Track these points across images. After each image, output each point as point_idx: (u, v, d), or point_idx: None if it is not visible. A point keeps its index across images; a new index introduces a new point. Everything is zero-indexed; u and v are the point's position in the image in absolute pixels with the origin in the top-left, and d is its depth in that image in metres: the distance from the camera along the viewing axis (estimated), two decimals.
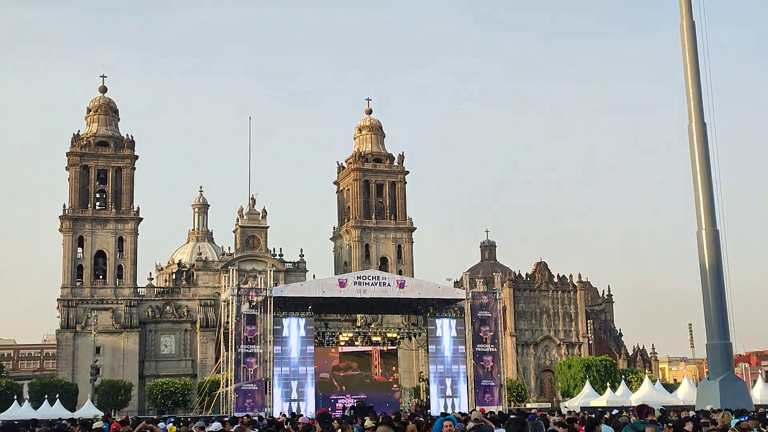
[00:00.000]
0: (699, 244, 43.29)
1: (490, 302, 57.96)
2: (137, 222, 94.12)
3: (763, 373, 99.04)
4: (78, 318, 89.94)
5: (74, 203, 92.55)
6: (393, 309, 64.67)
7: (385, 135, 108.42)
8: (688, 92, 44.61)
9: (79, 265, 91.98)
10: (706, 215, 43.05)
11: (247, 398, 51.31)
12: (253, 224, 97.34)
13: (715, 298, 42.44)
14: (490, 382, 56.93)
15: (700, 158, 43.54)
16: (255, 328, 52.23)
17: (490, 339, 57.39)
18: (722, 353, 42.53)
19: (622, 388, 65.21)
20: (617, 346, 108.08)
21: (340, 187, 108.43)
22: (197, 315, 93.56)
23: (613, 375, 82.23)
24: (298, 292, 55.49)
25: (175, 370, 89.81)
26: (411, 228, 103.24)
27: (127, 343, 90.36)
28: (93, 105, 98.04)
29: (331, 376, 58.23)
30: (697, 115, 44.08)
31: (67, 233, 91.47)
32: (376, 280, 55.21)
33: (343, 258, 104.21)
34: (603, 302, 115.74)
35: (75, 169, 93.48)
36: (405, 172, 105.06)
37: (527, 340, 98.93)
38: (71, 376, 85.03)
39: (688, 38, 44.96)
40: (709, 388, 41.46)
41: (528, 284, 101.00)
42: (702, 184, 43.27)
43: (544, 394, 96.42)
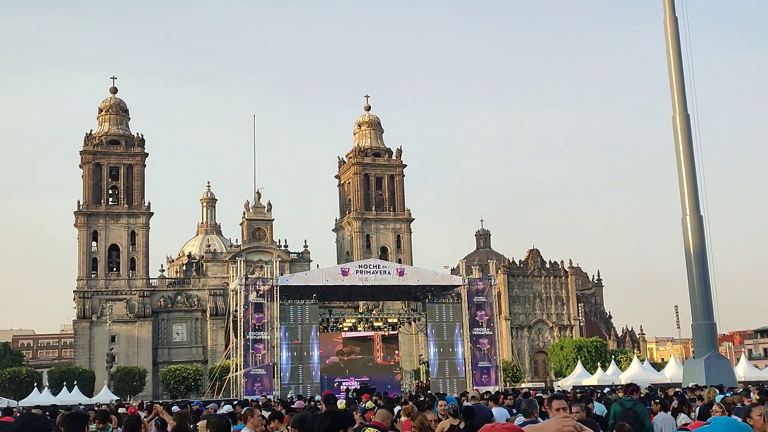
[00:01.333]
0: (684, 229, 43.33)
1: (485, 288, 58.00)
2: (148, 216, 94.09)
3: (746, 351, 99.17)
4: (94, 308, 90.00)
5: (88, 199, 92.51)
6: (393, 296, 64.74)
7: (384, 130, 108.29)
8: (672, 84, 44.60)
9: (94, 258, 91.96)
10: (690, 202, 43.08)
11: (256, 382, 51.41)
12: (259, 217, 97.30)
13: (700, 281, 42.50)
14: (486, 363, 57.02)
15: (683, 147, 43.56)
16: (262, 316, 52.29)
17: (486, 323, 57.46)
18: (707, 333, 42.62)
19: (612, 368, 65.30)
20: (607, 327, 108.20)
21: (341, 180, 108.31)
22: (207, 304, 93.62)
23: (604, 355, 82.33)
24: (303, 281, 55.55)
25: (187, 357, 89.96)
26: (409, 219, 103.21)
27: (140, 332, 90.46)
28: (104, 105, 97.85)
29: (335, 361, 58.34)
30: (681, 106, 44.09)
31: (82, 228, 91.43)
32: (376, 268, 55.26)
33: (345, 248, 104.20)
34: (593, 286, 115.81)
35: (88, 167, 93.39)
36: (403, 165, 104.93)
37: (521, 323, 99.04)
38: (88, 364, 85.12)
39: (671, 32, 44.90)
40: (695, 366, 41.55)
41: (521, 270, 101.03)
42: (686, 172, 43.29)
43: (538, 375, 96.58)
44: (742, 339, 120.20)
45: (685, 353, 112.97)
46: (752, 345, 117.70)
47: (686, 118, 44.00)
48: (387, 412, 8.62)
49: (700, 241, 42.80)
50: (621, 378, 57.62)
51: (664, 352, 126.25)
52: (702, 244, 42.81)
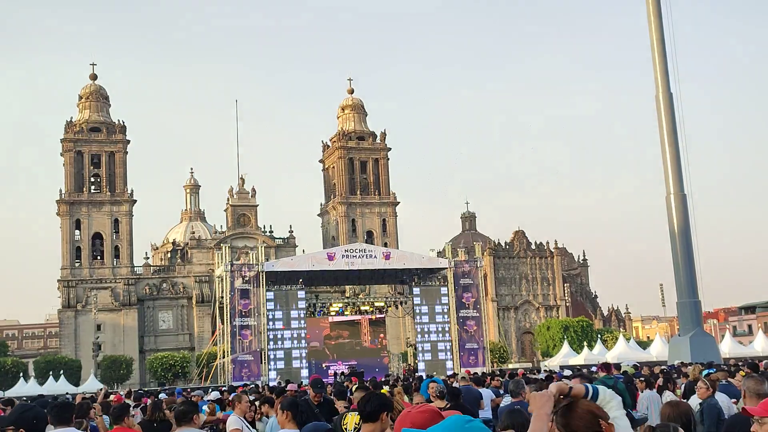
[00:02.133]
0: (668, 208, 43.60)
1: (471, 270, 58.17)
2: (131, 204, 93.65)
3: (730, 328, 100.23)
4: (78, 297, 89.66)
5: (70, 188, 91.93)
6: (380, 279, 64.83)
7: (367, 113, 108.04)
8: (655, 63, 44.75)
9: (77, 247, 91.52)
10: (674, 180, 43.34)
11: (243, 368, 51.44)
12: (243, 203, 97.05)
13: (684, 259, 42.84)
14: (474, 345, 57.29)
15: (667, 126, 43.76)
16: (249, 302, 52.25)
17: (473, 304, 57.67)
18: (692, 311, 43.01)
19: (599, 347, 65.83)
20: (593, 307, 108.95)
21: (326, 165, 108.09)
22: (193, 291, 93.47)
23: (590, 335, 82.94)
24: (289, 266, 55.49)
25: (173, 344, 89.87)
26: (395, 202, 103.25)
27: (126, 320, 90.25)
28: (84, 92, 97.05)
29: (322, 345, 58.43)
30: (664, 86, 44.26)
31: (65, 217, 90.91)
32: (362, 252, 55.26)
33: (330, 233, 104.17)
34: (579, 266, 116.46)
35: (69, 154, 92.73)
36: (387, 148, 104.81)
37: (508, 304, 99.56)
38: (74, 353, 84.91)
39: (654, 11, 44.99)
40: (680, 344, 41.94)
41: (507, 252, 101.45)
42: (670, 151, 43.51)
43: (525, 355, 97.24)
44: (727, 316, 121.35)
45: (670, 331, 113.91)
46: (736, 322, 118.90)
47: (669, 96, 44.18)
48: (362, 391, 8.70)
49: (684, 220, 43.10)
50: (607, 357, 58.07)
51: (649, 331, 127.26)
52: (686, 223, 43.11)
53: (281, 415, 8.33)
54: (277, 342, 52.55)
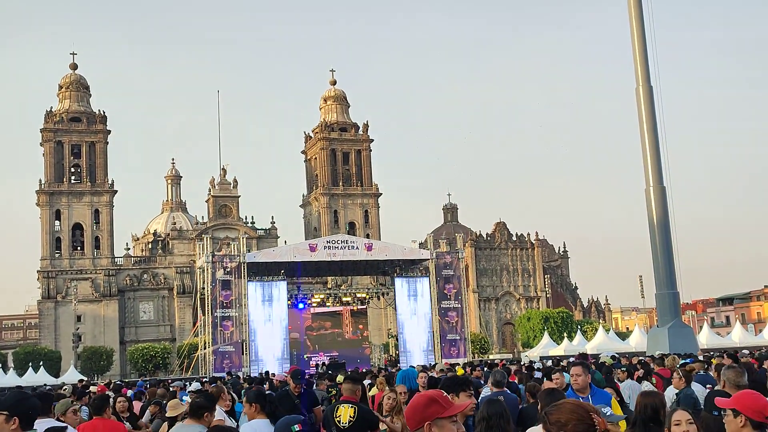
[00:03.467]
0: (647, 200, 43.89)
1: (453, 261, 58.39)
2: (112, 194, 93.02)
3: (708, 319, 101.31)
4: (58, 288, 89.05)
5: (50, 178, 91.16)
6: (362, 271, 64.91)
7: (350, 105, 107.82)
8: (635, 56, 44.95)
9: (57, 238, 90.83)
10: (653, 172, 43.61)
11: (224, 359, 51.41)
12: (224, 194, 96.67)
13: (663, 251, 43.16)
14: (455, 336, 57.56)
15: (647, 119, 44.00)
16: (230, 293, 52.19)
17: (454, 296, 57.92)
18: (670, 302, 43.37)
19: (578, 338, 66.25)
20: (573, 298, 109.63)
21: (308, 156, 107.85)
22: (174, 282, 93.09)
23: (570, 326, 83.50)
24: (271, 257, 55.47)
25: (154, 335, 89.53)
26: (377, 194, 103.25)
27: (107, 311, 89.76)
28: (64, 82, 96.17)
29: (304, 336, 58.49)
30: (644, 78, 44.48)
31: (44, 207, 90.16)
32: (344, 243, 55.31)
33: (312, 224, 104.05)
34: (559, 258, 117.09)
35: (49, 144, 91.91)
36: (370, 140, 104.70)
37: (489, 295, 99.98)
38: (54, 344, 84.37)
39: (635, 4, 45.19)
40: (659, 335, 42.29)
41: (488, 243, 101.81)
42: (649, 144, 43.76)
43: (506, 346, 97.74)
44: (705, 307, 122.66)
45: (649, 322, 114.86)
46: (714, 313, 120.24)
47: (649, 90, 44.41)
48: (352, 385, 8.71)
49: (663, 212, 43.41)
50: (587, 347, 58.49)
51: (629, 322, 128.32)
52: (665, 215, 43.42)
53: (248, 408, 8.20)
54: (259, 333, 52.53)
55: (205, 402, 7.74)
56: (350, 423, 7.72)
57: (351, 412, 7.83)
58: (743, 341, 55.93)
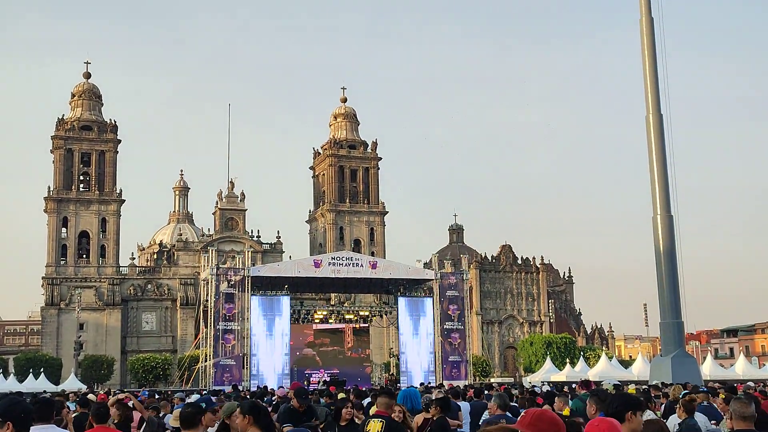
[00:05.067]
0: (654, 228, 43.76)
1: (457, 283, 58.28)
2: (120, 204, 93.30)
3: (712, 350, 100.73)
4: (62, 295, 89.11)
5: (59, 185, 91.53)
6: (365, 288, 64.84)
7: (360, 122, 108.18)
8: (646, 85, 44.98)
9: (63, 245, 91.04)
10: (661, 201, 43.50)
11: (225, 372, 51.28)
12: (231, 207, 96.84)
13: (669, 280, 42.95)
14: (456, 357, 57.34)
15: (656, 147, 43.96)
16: (233, 306, 52.13)
17: (457, 317, 57.75)
18: (674, 331, 43.10)
19: (581, 364, 65.86)
20: (576, 324, 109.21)
21: (316, 172, 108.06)
22: (178, 293, 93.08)
23: (573, 351, 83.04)
24: (275, 272, 55.47)
25: (155, 346, 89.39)
26: (383, 212, 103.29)
27: (109, 320, 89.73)
28: (77, 90, 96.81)
29: (305, 352, 58.33)
30: (654, 107, 44.48)
31: (52, 214, 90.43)
32: (349, 261, 55.29)
33: (318, 240, 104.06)
34: (564, 283, 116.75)
35: (59, 152, 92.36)
36: (378, 158, 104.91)
37: (492, 318, 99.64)
38: (55, 351, 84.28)
39: (647, 32, 45.30)
40: (662, 364, 42.00)
41: (493, 266, 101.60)
42: (658, 172, 43.68)
43: (508, 370, 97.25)
44: (709, 338, 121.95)
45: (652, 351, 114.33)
46: (718, 344, 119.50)
47: (659, 118, 44.42)
48: (389, 399, 8.68)
49: (670, 241, 43.27)
50: (589, 374, 58.11)
51: (632, 350, 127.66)
52: (672, 244, 43.28)
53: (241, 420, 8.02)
54: (260, 347, 52.42)
55: (195, 409, 7.68)
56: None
57: (379, 426, 7.92)
58: (747, 374, 55.51)
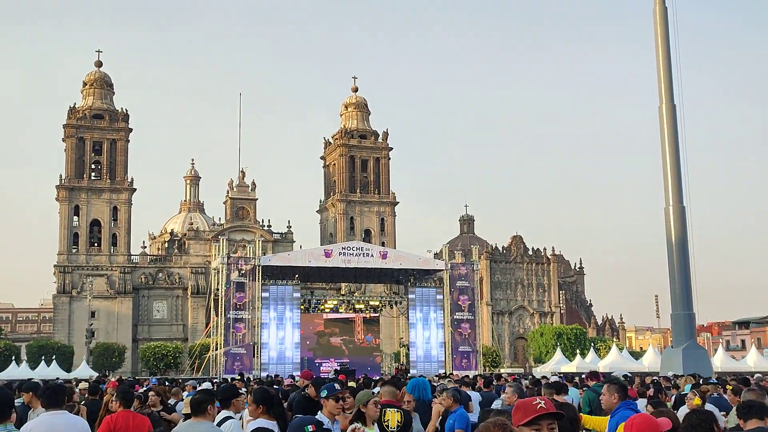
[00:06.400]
0: (666, 219, 43.62)
1: (467, 273, 58.20)
2: (131, 192, 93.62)
3: (723, 342, 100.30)
4: (74, 283, 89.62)
5: (70, 173, 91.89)
6: (376, 278, 64.84)
7: (371, 112, 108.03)
8: (659, 75, 44.74)
9: (75, 233, 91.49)
10: (673, 192, 43.34)
11: (235, 361, 51.45)
12: (242, 196, 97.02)
13: (681, 272, 42.84)
14: (466, 348, 57.32)
15: (669, 138, 43.75)
16: (244, 295, 52.26)
17: (468, 308, 57.69)
18: (686, 323, 43.02)
19: (591, 355, 65.83)
20: (587, 315, 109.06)
21: (327, 162, 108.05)
22: (188, 282, 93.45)
23: (583, 343, 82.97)
24: (286, 261, 55.53)
25: (167, 334, 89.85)
26: (394, 202, 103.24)
27: (121, 308, 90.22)
28: (89, 79, 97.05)
29: (315, 341, 58.47)
30: (667, 97, 44.25)
31: (64, 202, 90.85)
32: (360, 251, 55.27)
33: (328, 230, 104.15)
34: (575, 274, 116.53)
35: (71, 140, 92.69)
36: (389, 148, 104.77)
37: (502, 309, 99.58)
38: (67, 339, 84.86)
39: (661, 23, 45.00)
40: (673, 356, 41.95)
41: (504, 256, 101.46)
42: (670, 163, 43.51)
43: (518, 360, 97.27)
44: (720, 330, 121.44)
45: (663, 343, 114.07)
46: (730, 336, 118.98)
47: (672, 108, 44.18)
48: (393, 389, 8.75)
49: (682, 232, 43.11)
50: (599, 365, 58.08)
51: (643, 341, 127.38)
52: (684, 235, 43.12)
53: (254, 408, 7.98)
54: (270, 336, 52.58)
55: (205, 396, 7.68)
56: (398, 427, 7.90)
57: (398, 416, 8.02)
58: (758, 366, 55.32)
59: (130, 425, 8.38)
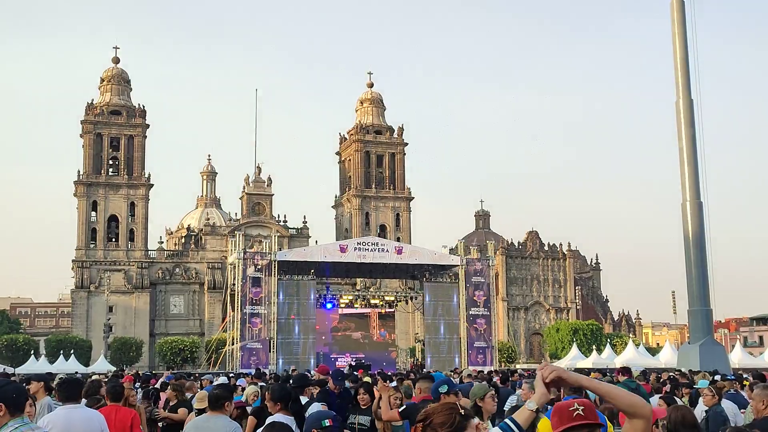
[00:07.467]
0: (683, 215, 43.28)
1: (483, 268, 58.09)
2: (148, 188, 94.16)
3: (741, 338, 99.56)
4: (92, 278, 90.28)
5: (88, 169, 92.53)
6: (391, 274, 64.86)
7: (386, 108, 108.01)
8: (677, 69, 44.35)
9: (93, 228, 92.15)
10: (690, 187, 42.99)
11: (251, 356, 51.64)
12: (258, 192, 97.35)
13: (698, 267, 42.52)
14: (482, 343, 57.25)
15: (686, 133, 43.39)
16: (260, 290, 52.43)
17: (483, 303, 57.60)
18: (703, 319, 42.71)
19: (607, 351, 65.48)
20: (603, 311, 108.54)
21: (342, 157, 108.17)
22: (205, 277, 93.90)
23: (599, 339, 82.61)
24: (301, 256, 55.67)
25: (183, 329, 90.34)
26: (409, 197, 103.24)
27: (138, 303, 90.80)
28: (106, 75, 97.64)
29: (331, 337, 58.59)
30: (685, 91, 43.87)
31: (82, 198, 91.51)
32: (375, 246, 55.32)
33: (344, 225, 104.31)
34: (591, 270, 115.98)
35: (89, 136, 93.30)
36: (404, 143, 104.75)
37: (518, 304, 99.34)
38: (85, 333, 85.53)
39: (677, 15, 44.63)
40: (690, 352, 41.67)
41: (520, 252, 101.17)
42: (687, 158, 43.15)
43: (533, 356, 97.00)
44: (738, 326, 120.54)
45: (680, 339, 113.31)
46: (747, 332, 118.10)
47: (690, 103, 43.81)
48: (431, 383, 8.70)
49: (699, 228, 42.78)
50: (616, 361, 57.79)
51: (659, 337, 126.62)
52: (701, 231, 42.80)
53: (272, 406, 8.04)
54: (286, 331, 52.73)
55: (224, 392, 7.85)
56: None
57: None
58: None
59: (113, 418, 8.50)
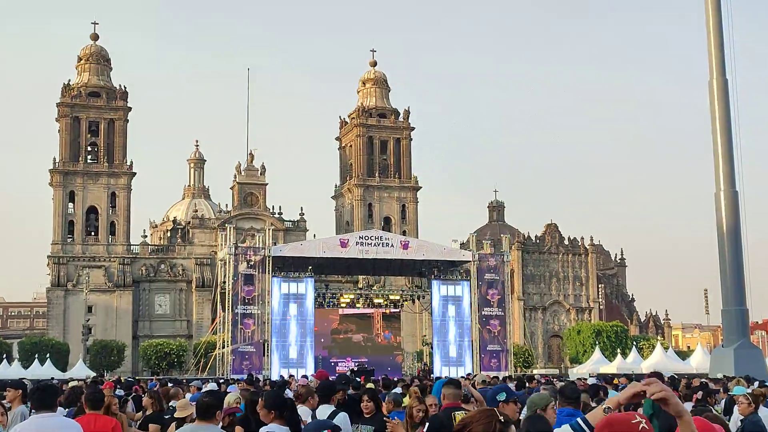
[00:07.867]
0: (717, 205, 43.24)
1: (497, 265, 58.17)
2: (130, 177, 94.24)
3: None
4: (69, 276, 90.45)
5: (65, 156, 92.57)
6: (396, 270, 65.00)
7: (391, 89, 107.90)
8: (710, 47, 44.21)
9: (70, 221, 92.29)
10: (725, 175, 42.92)
11: (244, 360, 51.85)
12: (251, 181, 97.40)
13: (732, 263, 42.50)
14: (496, 346, 57.38)
15: (720, 115, 43.26)
16: (253, 289, 52.57)
17: (497, 303, 57.70)
18: (738, 320, 42.73)
19: (633, 355, 65.52)
20: (629, 311, 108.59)
21: (343, 143, 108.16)
22: (193, 274, 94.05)
23: (624, 341, 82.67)
24: (298, 251, 55.77)
25: (169, 331, 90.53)
26: (416, 187, 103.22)
27: (120, 302, 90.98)
28: (84, 53, 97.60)
29: (330, 339, 58.72)
30: (719, 71, 43.71)
31: (58, 187, 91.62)
32: (378, 240, 55.40)
33: (344, 217, 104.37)
34: (615, 266, 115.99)
35: (65, 120, 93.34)
36: (411, 128, 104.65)
37: (536, 304, 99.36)
38: (62, 336, 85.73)
39: None
40: (724, 356, 41.72)
41: (537, 246, 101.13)
42: (722, 143, 43.05)
43: (552, 360, 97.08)
44: None
45: (713, 341, 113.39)
46: None
47: (724, 83, 43.67)
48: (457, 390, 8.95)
49: (734, 219, 42.73)
50: (642, 366, 57.85)
51: (690, 340, 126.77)
52: (736, 223, 42.75)
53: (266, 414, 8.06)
54: (282, 333, 52.84)
55: (213, 400, 7.85)
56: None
57: None
58: None
59: (92, 428, 8.65)
